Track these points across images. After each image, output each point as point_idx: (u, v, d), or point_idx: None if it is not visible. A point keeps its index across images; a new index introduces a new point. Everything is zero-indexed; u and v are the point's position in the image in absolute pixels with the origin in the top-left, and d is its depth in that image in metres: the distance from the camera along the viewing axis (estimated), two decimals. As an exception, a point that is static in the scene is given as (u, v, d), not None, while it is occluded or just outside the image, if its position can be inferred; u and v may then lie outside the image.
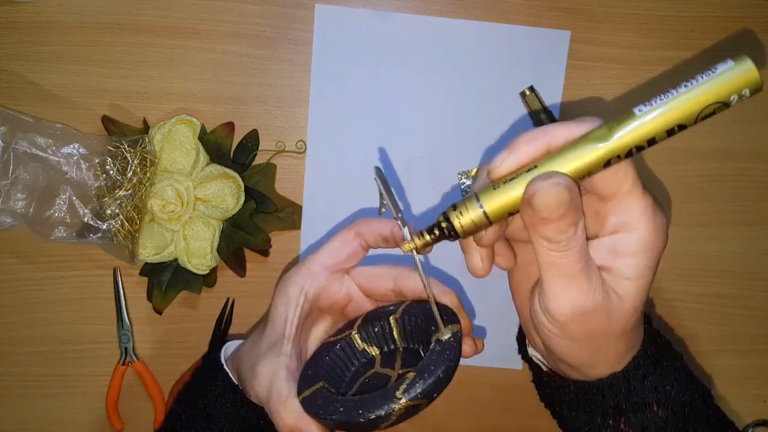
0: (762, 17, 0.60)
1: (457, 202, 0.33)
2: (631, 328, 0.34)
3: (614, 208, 0.32)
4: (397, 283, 0.41)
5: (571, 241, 0.31)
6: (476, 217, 0.32)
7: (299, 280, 0.42)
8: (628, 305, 0.33)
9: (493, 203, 0.31)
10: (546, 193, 0.29)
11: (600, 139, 0.30)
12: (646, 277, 0.32)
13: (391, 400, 0.34)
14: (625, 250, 0.32)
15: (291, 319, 0.41)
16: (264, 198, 0.59)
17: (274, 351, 0.41)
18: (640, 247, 0.32)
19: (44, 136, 0.56)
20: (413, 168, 0.61)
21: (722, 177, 0.63)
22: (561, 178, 0.30)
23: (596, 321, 0.32)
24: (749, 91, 0.28)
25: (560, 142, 0.31)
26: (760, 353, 0.66)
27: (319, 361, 0.41)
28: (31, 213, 0.56)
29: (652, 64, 0.61)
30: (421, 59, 0.60)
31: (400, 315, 0.41)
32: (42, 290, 0.61)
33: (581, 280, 0.31)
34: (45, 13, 0.57)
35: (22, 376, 0.62)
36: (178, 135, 0.57)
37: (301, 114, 0.60)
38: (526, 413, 0.65)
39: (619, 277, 0.32)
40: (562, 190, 0.29)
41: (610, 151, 0.30)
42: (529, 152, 0.31)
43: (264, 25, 0.59)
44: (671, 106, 0.29)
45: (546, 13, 0.59)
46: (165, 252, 0.58)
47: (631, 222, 0.32)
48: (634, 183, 0.31)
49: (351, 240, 0.42)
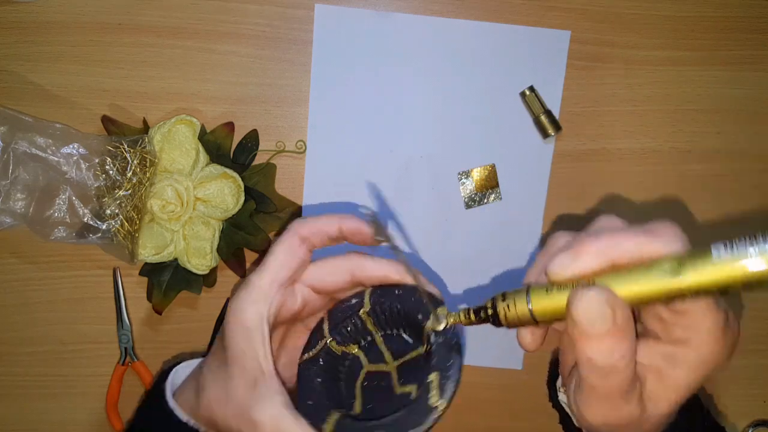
0: (762, 17, 0.60)
1: (509, 292, 0.32)
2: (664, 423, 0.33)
3: (681, 320, 0.29)
4: (355, 275, 0.39)
5: (616, 368, 0.29)
6: (522, 315, 0.31)
7: (255, 308, 0.36)
8: (664, 410, 0.31)
9: (542, 306, 0.30)
10: (586, 304, 0.28)
11: (669, 272, 0.27)
12: (692, 388, 0.31)
13: (431, 411, 0.33)
14: (682, 364, 0.30)
15: (264, 354, 0.36)
16: (264, 198, 0.59)
17: (261, 393, 0.35)
18: (700, 364, 0.30)
19: (44, 136, 0.56)
20: (413, 168, 0.61)
21: (722, 177, 0.63)
22: (607, 293, 0.28)
23: (628, 429, 0.32)
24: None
25: (626, 258, 0.29)
26: (760, 353, 0.66)
27: (311, 385, 0.38)
28: (31, 213, 0.56)
29: (652, 64, 0.61)
30: (421, 59, 0.60)
31: (371, 307, 0.39)
32: (42, 290, 0.61)
33: (618, 402, 0.30)
34: (45, 13, 0.57)
35: (22, 376, 0.62)
36: (178, 135, 0.57)
37: (301, 114, 0.60)
38: (526, 413, 0.65)
39: (667, 383, 0.31)
40: (603, 305, 0.27)
41: (675, 291, 0.27)
42: (593, 264, 0.29)
43: (264, 25, 0.59)
44: (758, 257, 0.24)
45: (546, 13, 0.59)
46: (165, 252, 0.58)
47: (697, 340, 0.29)
48: (708, 305, 0.28)
49: (297, 248, 0.38)
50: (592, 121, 0.61)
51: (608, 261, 0.29)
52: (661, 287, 0.27)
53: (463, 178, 0.61)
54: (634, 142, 0.62)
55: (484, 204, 0.62)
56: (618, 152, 0.62)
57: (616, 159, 0.62)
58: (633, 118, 0.61)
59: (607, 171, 0.62)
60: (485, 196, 0.62)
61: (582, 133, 0.61)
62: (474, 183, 0.61)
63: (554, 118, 0.60)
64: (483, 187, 0.61)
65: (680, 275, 0.26)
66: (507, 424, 0.66)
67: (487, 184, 0.61)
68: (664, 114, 0.61)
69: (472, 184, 0.61)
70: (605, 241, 0.29)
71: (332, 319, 0.39)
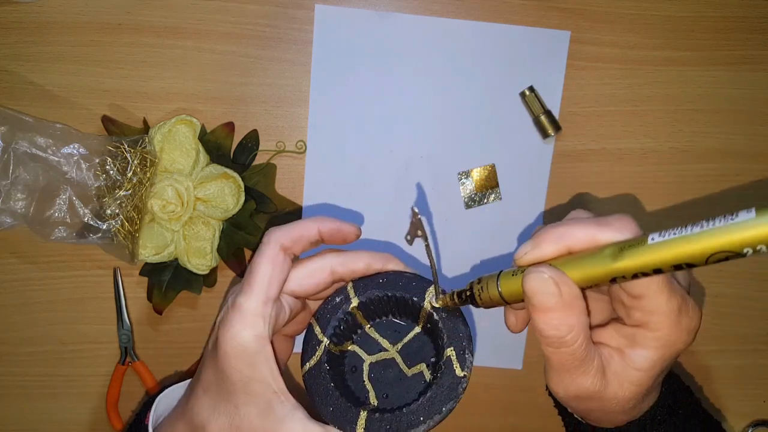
0: (762, 17, 0.60)
1: (484, 276, 0.36)
2: (632, 406, 0.35)
3: (639, 304, 0.32)
4: (336, 271, 0.38)
5: (564, 340, 0.32)
6: (494, 295, 0.35)
7: (252, 331, 0.35)
8: (628, 392, 0.34)
9: (508, 287, 0.34)
10: (532, 280, 0.31)
11: (609, 257, 0.30)
12: (655, 369, 0.33)
13: (459, 382, 0.35)
14: (642, 344, 0.33)
15: (272, 374, 0.34)
16: (264, 198, 0.59)
17: (279, 414, 0.34)
18: (659, 345, 0.33)
19: (44, 136, 0.56)
20: (413, 168, 0.61)
21: (722, 177, 0.63)
22: (553, 272, 0.31)
23: (592, 403, 0.34)
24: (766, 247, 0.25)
25: (580, 245, 0.32)
26: (760, 353, 0.66)
27: (325, 392, 0.37)
28: (31, 213, 0.56)
29: (652, 64, 0.61)
30: (421, 59, 0.60)
31: (358, 304, 0.39)
32: (42, 290, 0.61)
33: (575, 374, 0.33)
34: (45, 13, 0.57)
35: (22, 376, 0.62)
36: (178, 135, 0.57)
37: (301, 114, 0.60)
38: (526, 413, 0.65)
39: (629, 363, 0.33)
40: (549, 282, 0.31)
41: (615, 272, 0.30)
42: (551, 250, 0.32)
43: (264, 25, 0.59)
44: (683, 242, 0.28)
45: (546, 13, 0.59)
46: (165, 252, 0.58)
47: (653, 322, 0.32)
48: (659, 287, 0.31)
49: (281, 259, 0.37)
50: (592, 121, 0.61)
51: (565, 248, 0.32)
52: (604, 269, 0.30)
53: (463, 178, 0.61)
54: (634, 142, 0.62)
55: (484, 204, 0.62)
56: (618, 152, 0.62)
57: (616, 159, 0.62)
58: (633, 118, 0.61)
59: (607, 171, 0.62)
60: (485, 196, 0.62)
61: (582, 133, 0.61)
62: (474, 183, 0.61)
63: (554, 118, 0.60)
64: (483, 187, 0.61)
65: (620, 259, 0.30)
66: (507, 424, 0.66)
67: (487, 184, 0.61)
68: (664, 114, 0.62)
69: (472, 184, 0.61)
70: (562, 229, 0.32)
71: (321, 321, 0.39)
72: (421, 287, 0.38)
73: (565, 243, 0.32)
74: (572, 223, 0.32)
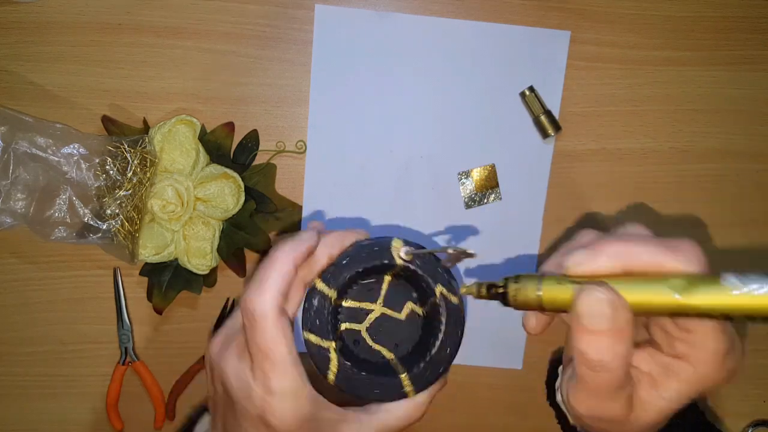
0: (762, 17, 0.60)
1: (522, 275, 0.33)
2: (648, 430, 0.33)
3: (686, 337, 0.30)
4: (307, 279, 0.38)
5: (607, 366, 0.29)
6: (531, 299, 0.32)
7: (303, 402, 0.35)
8: (650, 419, 0.32)
9: (551, 294, 0.31)
10: (590, 300, 0.29)
11: (676, 289, 0.27)
12: (683, 402, 0.31)
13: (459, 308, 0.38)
14: (678, 376, 0.31)
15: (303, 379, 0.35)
16: (264, 198, 0.59)
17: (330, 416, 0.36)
18: (695, 380, 0.31)
19: (44, 136, 0.56)
20: (413, 168, 0.61)
21: (722, 177, 0.63)
22: (612, 295, 0.28)
23: (610, 426, 0.32)
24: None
25: (641, 267, 0.29)
26: (760, 353, 0.66)
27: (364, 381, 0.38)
28: (31, 213, 0.56)
29: (652, 64, 0.61)
30: (421, 59, 0.60)
31: (337, 295, 0.39)
32: (42, 290, 0.61)
33: (605, 397, 0.31)
34: (45, 13, 0.57)
35: (22, 376, 0.62)
36: (178, 135, 0.57)
37: (301, 114, 0.60)
38: (526, 413, 0.65)
39: (659, 393, 0.32)
40: (606, 304, 0.28)
41: (680, 308, 0.27)
42: (607, 266, 0.30)
43: (264, 25, 0.59)
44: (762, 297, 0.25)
45: (546, 13, 0.59)
46: (165, 252, 0.58)
47: (697, 358, 0.30)
48: (713, 326, 0.29)
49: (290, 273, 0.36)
50: (592, 121, 0.61)
51: (623, 265, 0.30)
52: (667, 302, 0.28)
53: (463, 178, 0.61)
54: (634, 142, 0.62)
55: (484, 204, 0.62)
56: (618, 152, 0.62)
57: (616, 159, 0.62)
58: (633, 118, 0.61)
59: (607, 171, 0.62)
60: (485, 196, 0.62)
61: (582, 133, 0.61)
62: (474, 183, 0.61)
63: (554, 118, 0.60)
64: (483, 187, 0.61)
65: (688, 294, 0.27)
66: (507, 424, 0.66)
67: (487, 184, 0.61)
68: (664, 114, 0.62)
69: (472, 184, 0.61)
70: (624, 245, 0.30)
71: (315, 330, 0.38)
72: (384, 248, 0.38)
73: (625, 262, 0.30)
74: (635, 241, 0.30)
